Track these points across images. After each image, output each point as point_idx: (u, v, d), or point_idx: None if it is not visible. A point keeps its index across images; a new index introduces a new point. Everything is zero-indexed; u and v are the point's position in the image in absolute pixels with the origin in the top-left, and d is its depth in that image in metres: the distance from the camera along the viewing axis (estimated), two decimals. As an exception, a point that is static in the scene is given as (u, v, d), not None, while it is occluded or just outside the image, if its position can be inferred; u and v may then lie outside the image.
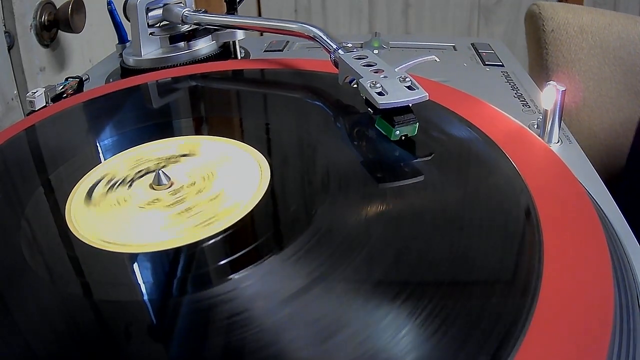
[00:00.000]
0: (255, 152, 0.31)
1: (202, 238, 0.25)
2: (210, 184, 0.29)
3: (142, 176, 0.30)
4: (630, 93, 0.64)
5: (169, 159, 0.31)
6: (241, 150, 0.31)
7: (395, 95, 0.30)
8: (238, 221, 0.25)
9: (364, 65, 0.33)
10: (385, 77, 0.32)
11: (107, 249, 0.25)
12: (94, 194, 0.28)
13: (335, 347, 0.19)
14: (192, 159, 0.31)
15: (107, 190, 0.29)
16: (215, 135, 0.33)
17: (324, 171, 0.29)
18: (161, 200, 0.28)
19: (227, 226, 0.25)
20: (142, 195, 0.28)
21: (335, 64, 0.37)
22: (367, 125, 0.32)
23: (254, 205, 0.26)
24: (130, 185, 0.29)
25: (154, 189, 0.28)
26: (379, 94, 0.30)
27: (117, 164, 0.31)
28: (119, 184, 0.29)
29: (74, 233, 0.26)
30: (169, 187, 0.28)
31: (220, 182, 0.29)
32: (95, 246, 0.25)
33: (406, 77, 0.31)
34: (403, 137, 0.30)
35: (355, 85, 0.33)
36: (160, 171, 0.29)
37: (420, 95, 0.30)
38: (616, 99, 0.64)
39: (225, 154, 0.31)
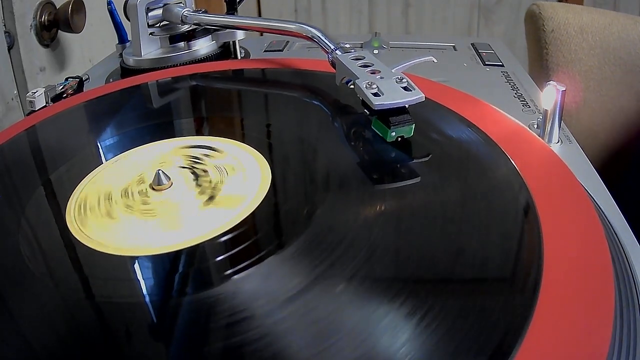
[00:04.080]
0: (254, 151, 0.31)
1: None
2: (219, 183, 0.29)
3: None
4: (631, 93, 0.64)
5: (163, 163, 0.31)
6: (239, 151, 0.31)
7: (391, 96, 0.30)
8: (239, 223, 0.25)
9: (360, 66, 0.33)
10: (381, 78, 0.32)
11: (104, 251, 0.25)
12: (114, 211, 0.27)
13: (335, 347, 0.19)
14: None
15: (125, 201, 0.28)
16: (214, 136, 0.33)
17: (323, 171, 0.29)
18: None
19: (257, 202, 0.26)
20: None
21: (333, 65, 0.37)
22: (367, 125, 0.32)
23: (256, 206, 0.26)
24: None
25: (154, 189, 0.28)
26: (375, 94, 0.30)
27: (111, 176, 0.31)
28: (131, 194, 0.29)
29: (74, 234, 0.26)
30: (169, 187, 0.28)
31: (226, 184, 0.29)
32: (93, 247, 0.25)
33: (402, 78, 0.31)
34: (399, 139, 0.30)
35: (352, 86, 0.33)
36: (160, 171, 0.29)
37: (416, 96, 0.30)
38: (616, 99, 0.64)
39: (226, 155, 0.31)
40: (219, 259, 0.24)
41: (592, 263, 0.22)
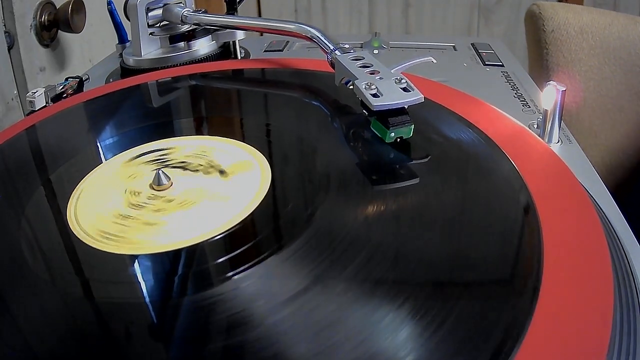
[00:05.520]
0: (253, 151, 0.31)
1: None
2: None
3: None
4: (631, 93, 0.64)
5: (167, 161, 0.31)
6: (238, 150, 0.31)
7: (390, 97, 0.30)
8: (238, 223, 0.25)
9: (360, 67, 0.33)
10: (380, 78, 0.32)
11: (105, 249, 0.25)
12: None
13: (335, 347, 0.19)
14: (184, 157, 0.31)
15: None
16: (215, 135, 0.33)
17: (322, 172, 0.29)
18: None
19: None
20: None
21: (332, 65, 0.36)
22: (366, 126, 0.32)
23: (256, 206, 0.26)
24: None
25: (154, 189, 0.28)
26: (374, 95, 0.30)
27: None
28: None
29: (74, 233, 0.26)
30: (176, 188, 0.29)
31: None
32: (94, 245, 0.25)
33: (402, 79, 0.31)
34: (398, 139, 0.30)
35: (351, 87, 0.33)
36: (160, 171, 0.29)
37: (415, 97, 0.30)
38: (616, 99, 0.64)
39: (225, 153, 0.31)
40: (218, 258, 0.24)
41: (592, 263, 0.22)
